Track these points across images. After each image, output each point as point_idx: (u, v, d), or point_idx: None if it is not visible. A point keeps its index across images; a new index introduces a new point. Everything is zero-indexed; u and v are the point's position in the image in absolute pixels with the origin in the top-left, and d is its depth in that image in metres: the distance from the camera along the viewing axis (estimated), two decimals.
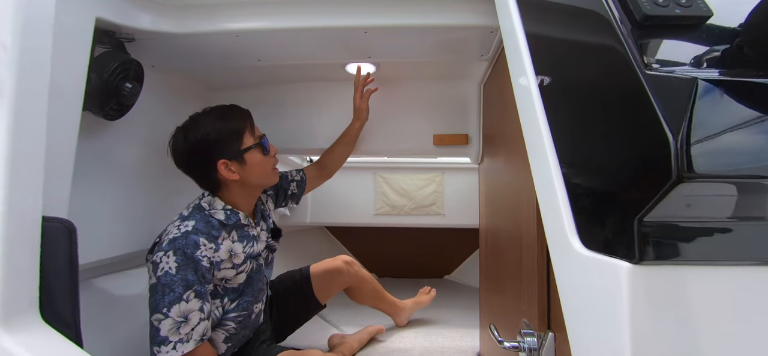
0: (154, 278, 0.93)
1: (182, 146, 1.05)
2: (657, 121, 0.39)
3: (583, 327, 0.48)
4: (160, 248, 0.95)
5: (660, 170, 0.38)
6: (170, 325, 0.90)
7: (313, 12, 1.01)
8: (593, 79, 0.52)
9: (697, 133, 0.37)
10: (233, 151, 1.04)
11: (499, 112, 1.13)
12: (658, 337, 0.39)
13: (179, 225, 0.98)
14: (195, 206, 1.05)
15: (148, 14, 0.98)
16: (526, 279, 0.80)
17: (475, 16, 0.99)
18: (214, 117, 1.06)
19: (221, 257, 1.01)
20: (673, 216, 0.39)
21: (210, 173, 1.05)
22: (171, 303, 0.90)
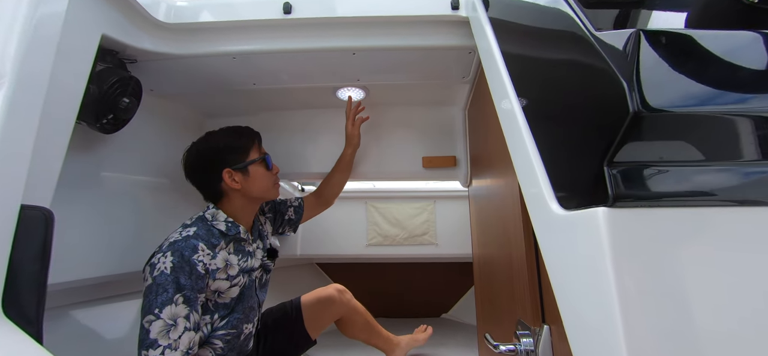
0: (149, 279, 0.94)
1: (193, 154, 1.15)
2: (610, 71, 0.42)
3: (569, 288, 0.47)
4: (160, 250, 0.99)
5: (618, 112, 0.40)
6: (161, 327, 0.89)
7: (304, 35, 1.09)
8: (553, 55, 0.56)
9: (645, 75, 0.40)
10: (238, 162, 1.13)
11: (482, 134, 1.18)
12: (642, 279, 0.38)
13: (181, 231, 1.04)
14: (198, 217, 1.11)
15: (150, 36, 1.05)
16: (517, 278, 0.78)
17: (454, 37, 1.08)
18: (226, 132, 1.18)
19: (217, 265, 1.04)
20: (641, 157, 0.41)
21: (214, 181, 1.12)
22: (163, 304, 0.90)
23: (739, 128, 0.40)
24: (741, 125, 0.39)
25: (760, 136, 0.40)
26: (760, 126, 0.40)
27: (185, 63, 1.15)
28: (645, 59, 0.40)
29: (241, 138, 1.16)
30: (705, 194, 0.41)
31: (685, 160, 0.41)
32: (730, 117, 0.39)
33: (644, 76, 0.39)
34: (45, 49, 0.71)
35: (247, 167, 1.14)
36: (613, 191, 0.40)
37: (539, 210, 0.54)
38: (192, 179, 1.17)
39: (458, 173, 1.58)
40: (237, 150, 1.14)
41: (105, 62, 1.04)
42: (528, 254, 0.71)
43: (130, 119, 1.13)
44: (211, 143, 1.15)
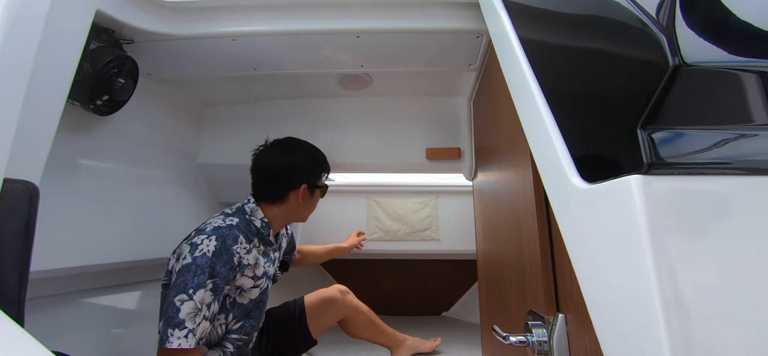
0: (188, 258, 0.93)
1: (281, 156, 1.15)
2: (644, 25, 0.38)
3: (595, 270, 0.43)
4: (204, 232, 0.98)
5: (654, 69, 0.36)
6: (191, 309, 0.88)
7: (307, 16, 1.05)
8: (579, 15, 0.53)
9: (685, 27, 0.36)
10: (314, 182, 1.19)
11: (490, 125, 1.15)
12: (684, 255, 0.34)
13: (224, 219, 1.05)
14: (238, 208, 1.12)
15: (148, 14, 1.02)
16: (529, 268, 0.75)
17: (460, 20, 1.05)
18: (315, 149, 1.22)
19: (249, 261, 1.05)
20: (679, 120, 0.37)
21: (287, 187, 1.14)
22: (198, 286, 0.90)
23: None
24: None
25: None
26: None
27: (184, 44, 1.11)
28: (683, 14, 0.37)
29: (324, 160, 1.23)
30: (754, 160, 0.37)
31: (732, 124, 0.37)
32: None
33: (682, 31, 0.36)
34: (31, 24, 0.67)
35: (316, 188, 1.20)
36: (648, 157, 0.36)
37: (557, 186, 0.50)
38: (264, 174, 1.15)
39: (462, 166, 1.54)
40: (320, 171, 1.20)
41: (100, 41, 1.00)
42: (542, 242, 0.67)
43: (126, 101, 1.09)
44: (306, 153, 1.18)
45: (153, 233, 1.31)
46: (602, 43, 0.47)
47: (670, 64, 0.34)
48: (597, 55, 0.48)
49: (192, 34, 1.07)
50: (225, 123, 1.62)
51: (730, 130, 0.37)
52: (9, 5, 0.64)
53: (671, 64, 0.34)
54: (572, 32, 0.54)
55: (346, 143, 1.59)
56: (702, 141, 0.37)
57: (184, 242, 1.00)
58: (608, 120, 0.44)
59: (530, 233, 0.72)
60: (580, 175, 0.47)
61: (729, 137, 0.37)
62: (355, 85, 1.48)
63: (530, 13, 0.70)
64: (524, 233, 0.77)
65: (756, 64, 0.36)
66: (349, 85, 1.48)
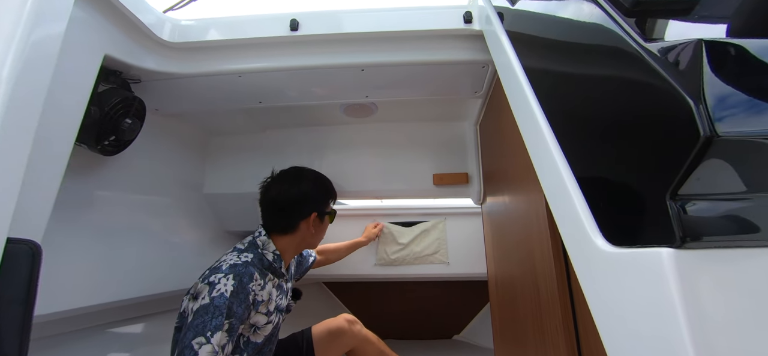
0: (207, 298, 0.91)
1: (289, 187, 1.15)
2: (670, 87, 0.36)
3: (625, 342, 0.40)
4: (220, 271, 0.97)
5: (684, 134, 0.34)
6: (209, 351, 0.86)
7: (311, 52, 1.05)
8: (591, 69, 0.51)
9: (713, 92, 0.34)
10: (323, 209, 1.18)
11: (497, 149, 1.13)
12: (721, 335, 0.32)
13: (238, 256, 1.03)
14: (250, 243, 1.11)
15: (154, 55, 1.03)
16: (547, 313, 0.71)
17: (465, 51, 1.04)
18: (322, 178, 1.22)
19: (263, 297, 1.04)
20: (711, 188, 0.35)
21: (297, 217, 1.13)
22: (216, 328, 0.88)
23: None
24: None
25: None
26: None
27: (190, 82, 1.12)
28: (709, 73, 0.34)
29: (330, 186, 1.23)
30: None
31: (764, 192, 0.35)
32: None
33: (711, 93, 0.33)
34: (41, 73, 0.67)
35: (325, 215, 1.19)
36: (680, 229, 0.33)
37: (578, 243, 0.47)
38: (273, 205, 1.14)
39: (471, 190, 1.51)
40: (328, 198, 1.20)
41: (108, 82, 1.01)
42: (560, 287, 0.64)
43: (132, 140, 1.09)
44: (312, 181, 1.17)
45: (160, 267, 1.30)
46: (620, 96, 0.44)
47: (700, 136, 0.32)
48: (616, 106, 0.45)
49: (198, 73, 1.07)
50: (231, 153, 1.63)
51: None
52: (18, 58, 0.64)
53: (702, 134, 0.32)
54: (585, 79, 0.52)
55: (353, 170, 1.58)
56: (738, 212, 0.35)
57: (200, 281, 0.98)
58: (633, 179, 0.41)
59: (547, 278, 0.69)
60: (603, 235, 0.44)
61: None
62: (360, 113, 1.48)
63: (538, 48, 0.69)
64: (540, 274, 0.74)
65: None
66: (355, 113, 1.48)
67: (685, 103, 0.34)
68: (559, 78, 0.59)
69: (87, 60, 0.84)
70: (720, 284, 0.33)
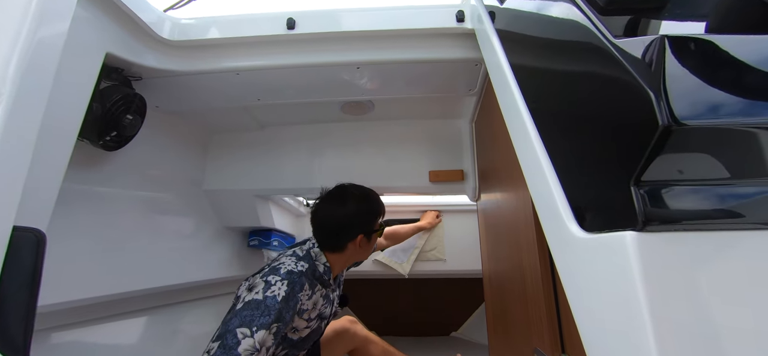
0: (260, 294, 0.96)
1: (336, 209, 1.16)
2: (633, 81, 0.38)
3: (594, 319, 0.42)
4: (278, 273, 1.01)
5: (644, 126, 0.36)
6: (249, 346, 0.89)
7: (308, 50, 1.08)
8: (568, 65, 0.53)
9: (673, 85, 0.36)
10: (370, 229, 1.19)
11: (491, 147, 1.15)
12: (678, 312, 0.34)
13: (296, 262, 1.07)
14: (307, 252, 1.14)
15: (155, 53, 1.05)
16: (532, 301, 0.73)
17: (459, 49, 1.06)
18: (365, 195, 1.21)
19: (308, 306, 1.08)
20: (670, 176, 0.37)
21: (344, 240, 1.15)
22: (261, 326, 0.91)
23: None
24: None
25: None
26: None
27: (190, 80, 1.15)
28: (671, 67, 0.37)
29: (377, 205, 1.23)
30: (749, 215, 0.37)
31: (725, 178, 0.37)
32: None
33: (672, 86, 0.36)
34: (45, 70, 0.70)
35: (372, 234, 1.21)
36: (642, 214, 0.36)
37: (556, 231, 0.50)
38: (322, 228, 1.16)
39: (466, 187, 1.53)
40: (375, 218, 1.21)
41: (110, 79, 1.04)
42: (544, 277, 0.66)
43: (133, 136, 1.12)
44: (358, 202, 1.17)
45: (161, 261, 1.33)
46: (593, 90, 0.47)
47: (659, 124, 0.34)
48: (589, 101, 0.48)
49: (198, 70, 1.10)
50: (231, 150, 1.66)
51: (727, 184, 0.37)
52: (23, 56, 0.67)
53: (660, 123, 0.34)
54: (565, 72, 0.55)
55: (350, 166, 1.60)
56: (697, 196, 0.37)
57: (259, 276, 1.02)
58: (603, 169, 0.44)
59: (532, 268, 0.72)
60: (577, 222, 0.46)
61: (726, 191, 0.37)
62: (357, 111, 1.50)
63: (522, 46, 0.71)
64: (526, 266, 0.76)
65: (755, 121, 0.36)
66: (352, 111, 1.50)
67: (647, 95, 0.36)
68: (541, 75, 0.61)
69: (89, 58, 0.87)
70: (679, 264, 0.35)
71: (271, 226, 1.80)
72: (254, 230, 1.86)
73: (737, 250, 0.35)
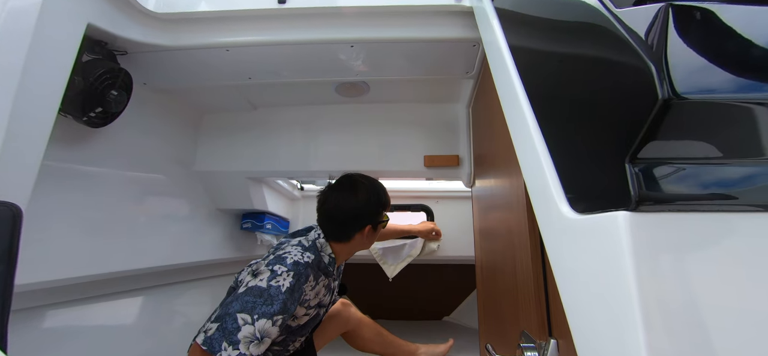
0: (264, 282, 0.94)
1: (345, 200, 1.15)
2: (634, 53, 0.36)
3: (581, 301, 0.41)
4: (284, 263, 0.99)
5: (643, 100, 0.34)
6: (249, 334, 0.88)
7: (299, 26, 1.04)
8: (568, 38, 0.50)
9: (676, 57, 0.34)
10: (377, 221, 1.19)
11: (487, 132, 1.13)
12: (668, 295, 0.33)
13: (303, 253, 1.05)
14: (313, 243, 1.13)
15: (140, 26, 1.01)
16: (522, 286, 0.73)
17: (456, 28, 1.03)
18: (373, 187, 1.20)
19: (310, 297, 1.08)
20: (669, 154, 0.35)
21: (352, 231, 1.15)
22: (263, 314, 0.90)
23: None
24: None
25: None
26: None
27: (177, 55, 1.11)
28: (674, 39, 0.34)
29: (384, 197, 1.23)
30: (743, 197, 0.35)
31: (721, 157, 0.35)
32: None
33: (674, 59, 0.34)
34: (19, 38, 0.67)
35: (378, 225, 1.20)
36: (636, 193, 0.34)
37: (547, 212, 0.48)
38: (330, 218, 1.16)
39: (461, 173, 1.52)
40: (381, 209, 1.21)
41: (93, 53, 1.00)
42: (534, 261, 0.65)
43: (120, 113, 1.09)
44: (367, 194, 1.17)
45: (150, 241, 1.31)
46: (591, 66, 0.44)
47: (659, 97, 0.32)
48: (586, 78, 0.45)
49: (185, 45, 1.06)
50: (223, 131, 1.62)
51: (723, 164, 0.35)
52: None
53: (660, 96, 0.32)
54: (563, 50, 0.52)
55: (344, 149, 1.58)
56: (693, 176, 0.35)
57: (263, 263, 1.01)
58: (598, 148, 0.42)
59: (523, 252, 0.71)
60: (569, 203, 0.45)
61: (722, 172, 0.35)
62: (352, 92, 1.47)
63: (521, 25, 0.68)
64: (517, 251, 0.75)
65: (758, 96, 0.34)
66: (347, 92, 1.47)
67: (648, 68, 0.34)
68: (539, 53, 0.59)
69: (69, 28, 0.83)
70: (672, 246, 0.34)
71: (264, 209, 1.78)
72: (247, 213, 1.84)
73: (733, 233, 0.34)
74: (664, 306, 0.33)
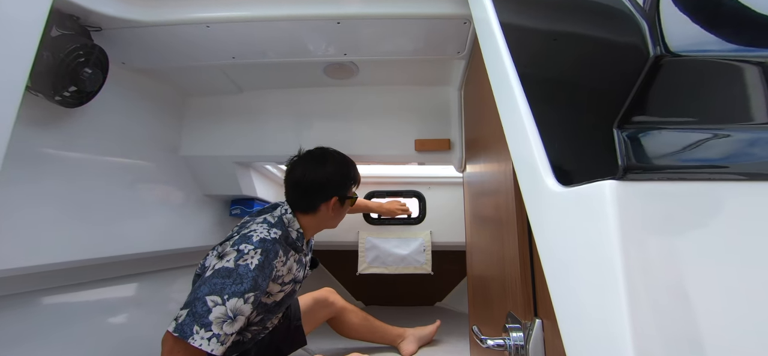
0: (231, 263, 0.93)
1: (313, 169, 1.15)
2: (625, 11, 0.33)
3: (565, 276, 0.39)
4: (250, 241, 0.98)
5: (634, 59, 0.32)
6: (221, 314, 0.87)
7: (281, 1, 0.99)
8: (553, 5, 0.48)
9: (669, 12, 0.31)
10: (344, 193, 1.20)
11: (478, 115, 1.10)
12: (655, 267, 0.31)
13: (269, 230, 1.04)
14: (279, 218, 1.12)
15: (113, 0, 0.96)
16: (508, 267, 0.71)
17: (445, 4, 0.99)
18: (343, 160, 1.21)
19: (283, 272, 1.07)
20: (657, 117, 0.33)
21: (318, 200, 1.15)
22: (233, 294, 0.89)
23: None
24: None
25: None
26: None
27: (155, 32, 1.06)
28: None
29: (354, 172, 1.23)
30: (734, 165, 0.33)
31: (713, 124, 0.33)
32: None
33: (667, 16, 0.31)
34: None
35: (345, 199, 1.21)
36: (623, 160, 0.32)
37: (532, 188, 0.46)
38: (297, 186, 1.16)
39: (452, 157, 1.49)
40: (350, 183, 1.21)
41: (64, 29, 0.95)
42: (520, 242, 0.64)
43: (96, 93, 1.04)
44: (336, 165, 1.18)
45: (131, 227, 1.27)
46: (581, 27, 0.42)
47: (650, 55, 0.29)
48: (576, 42, 0.43)
49: (162, 21, 1.01)
50: (209, 114, 1.57)
51: (716, 129, 0.33)
52: None
53: (652, 54, 0.29)
54: (551, 15, 0.50)
55: (333, 133, 1.54)
56: (685, 142, 0.33)
57: (229, 244, 0.99)
58: (587, 116, 0.40)
59: (510, 233, 0.69)
60: (555, 176, 0.43)
61: (714, 137, 0.33)
62: (341, 74, 1.43)
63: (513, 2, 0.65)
64: (505, 232, 0.74)
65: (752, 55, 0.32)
66: (336, 74, 1.43)
67: (640, 25, 0.31)
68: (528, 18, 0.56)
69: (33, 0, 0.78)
70: (660, 216, 0.32)
71: (253, 195, 1.75)
72: (236, 199, 1.81)
73: (723, 202, 0.32)
74: (650, 279, 0.31)
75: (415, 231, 2.07)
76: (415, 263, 2.02)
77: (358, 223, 2.10)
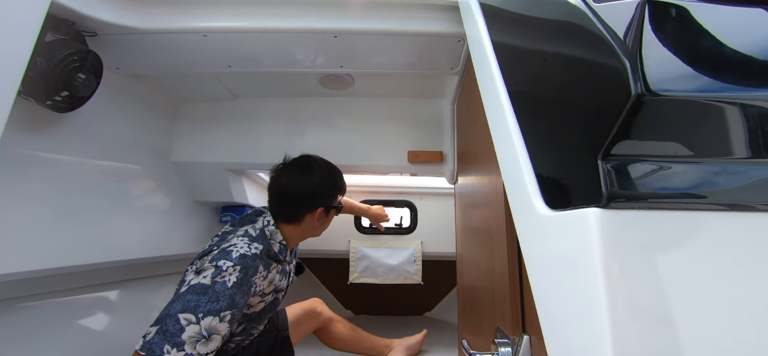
0: (208, 279, 0.89)
1: (299, 178, 1.12)
2: (609, 47, 0.36)
3: (551, 296, 0.41)
4: (229, 258, 0.94)
5: (617, 96, 0.34)
6: (194, 334, 0.83)
7: (281, 13, 1.01)
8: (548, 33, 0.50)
9: (650, 53, 0.34)
10: (330, 204, 1.18)
11: (470, 129, 1.13)
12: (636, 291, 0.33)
13: (250, 244, 1.00)
14: (261, 231, 1.09)
15: (110, 6, 0.96)
16: (498, 282, 0.73)
17: (441, 23, 1.02)
18: (329, 169, 1.19)
19: (263, 286, 1.04)
20: (641, 151, 0.35)
21: (304, 209, 1.12)
22: (208, 312, 0.86)
23: (760, 121, 0.34)
24: (762, 118, 0.34)
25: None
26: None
27: (152, 39, 1.06)
28: (650, 36, 0.34)
29: (340, 181, 1.21)
30: (712, 196, 0.36)
31: (692, 156, 0.36)
32: (751, 105, 0.34)
33: (649, 56, 0.34)
34: None
35: (331, 209, 1.18)
36: (607, 189, 0.34)
37: (522, 209, 0.48)
38: (281, 195, 1.12)
39: (445, 170, 1.52)
40: (335, 193, 1.19)
41: (60, 33, 0.94)
42: (510, 257, 0.66)
43: (88, 98, 1.03)
44: (322, 175, 1.15)
45: (121, 233, 1.25)
46: (568, 62, 0.44)
47: (632, 93, 0.32)
48: (565, 64, 0.45)
49: (159, 29, 1.01)
50: (202, 121, 1.57)
51: (694, 163, 0.36)
52: None
53: (633, 92, 0.32)
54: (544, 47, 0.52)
55: (327, 142, 1.56)
56: (665, 173, 0.35)
57: (207, 259, 0.95)
58: (574, 144, 0.42)
59: (500, 248, 0.71)
60: (543, 199, 0.45)
61: (692, 170, 0.36)
62: (336, 85, 1.44)
63: (505, 21, 0.68)
64: (495, 247, 0.76)
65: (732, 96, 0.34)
66: (331, 85, 1.44)
67: (623, 64, 0.34)
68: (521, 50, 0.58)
69: (29, 5, 0.78)
70: (642, 244, 0.34)
71: (244, 202, 1.74)
72: (227, 206, 1.79)
73: (702, 231, 0.35)
74: (632, 303, 0.33)
75: (406, 241, 2.08)
76: (405, 274, 2.03)
77: (349, 232, 2.11)
